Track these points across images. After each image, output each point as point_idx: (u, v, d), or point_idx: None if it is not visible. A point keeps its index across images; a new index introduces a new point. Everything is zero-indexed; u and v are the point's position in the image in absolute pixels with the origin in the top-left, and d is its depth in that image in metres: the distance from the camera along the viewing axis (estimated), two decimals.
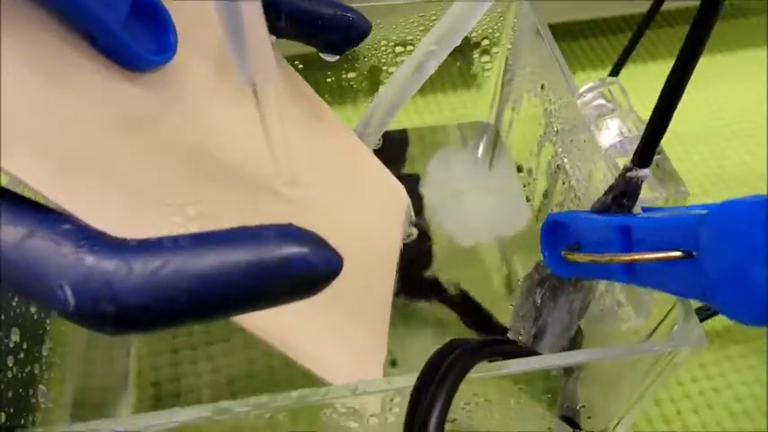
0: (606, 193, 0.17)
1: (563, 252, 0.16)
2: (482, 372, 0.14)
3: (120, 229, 0.12)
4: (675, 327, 0.15)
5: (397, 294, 0.20)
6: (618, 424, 0.18)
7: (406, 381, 0.14)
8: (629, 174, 0.16)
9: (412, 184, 0.24)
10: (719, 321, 0.30)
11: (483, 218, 0.26)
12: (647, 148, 0.16)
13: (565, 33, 0.30)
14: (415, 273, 0.24)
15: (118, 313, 0.11)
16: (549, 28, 0.21)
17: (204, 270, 0.11)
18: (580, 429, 0.19)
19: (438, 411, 0.14)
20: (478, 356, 0.14)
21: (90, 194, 0.13)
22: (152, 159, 0.14)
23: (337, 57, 0.18)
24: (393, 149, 0.24)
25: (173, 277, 0.11)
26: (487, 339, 0.15)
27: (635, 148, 0.16)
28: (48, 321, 0.17)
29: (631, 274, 0.15)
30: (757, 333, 0.30)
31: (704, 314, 0.24)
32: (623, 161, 0.17)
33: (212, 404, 0.14)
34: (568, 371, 0.16)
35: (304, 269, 0.12)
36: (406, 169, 0.25)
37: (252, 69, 0.14)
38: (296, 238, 0.12)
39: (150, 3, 0.15)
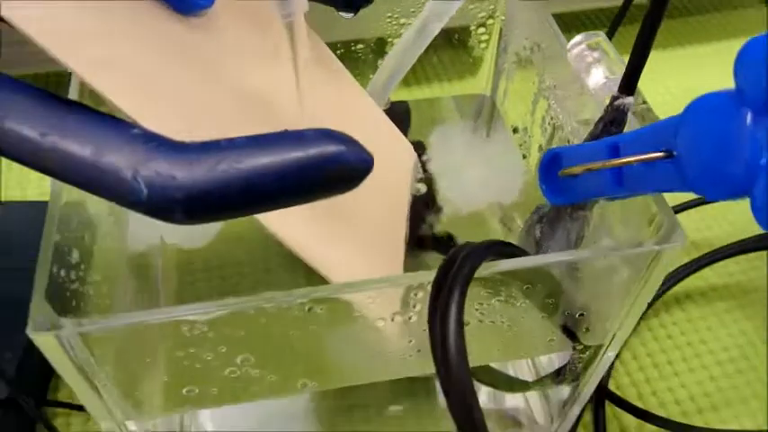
0: (596, 124, 0.19)
1: (560, 172, 0.19)
2: (491, 269, 0.16)
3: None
4: (660, 231, 0.18)
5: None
6: (612, 340, 0.20)
7: (428, 276, 0.16)
8: (616, 102, 0.18)
9: (418, 150, 0.26)
10: (704, 280, 0.32)
11: (483, 185, 0.28)
12: (632, 77, 0.18)
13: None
14: (419, 232, 0.26)
15: (184, 201, 0.13)
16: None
17: (257, 164, 0.13)
18: (579, 343, 0.20)
19: (457, 296, 0.15)
20: (489, 252, 0.16)
21: (156, 111, 0.15)
22: (203, 89, 0.16)
23: (353, 14, 0.21)
24: (397, 119, 0.26)
25: (230, 170, 0.13)
26: (495, 241, 0.17)
27: None
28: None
29: (620, 185, 0.17)
30: (740, 290, 0.32)
31: None
32: None
33: (257, 294, 0.16)
34: (568, 274, 0.18)
35: (343, 164, 0.14)
36: (410, 138, 0.27)
37: (290, 5, 0.16)
38: (335, 138, 0.14)
39: None
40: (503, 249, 0.17)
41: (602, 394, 0.27)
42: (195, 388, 0.18)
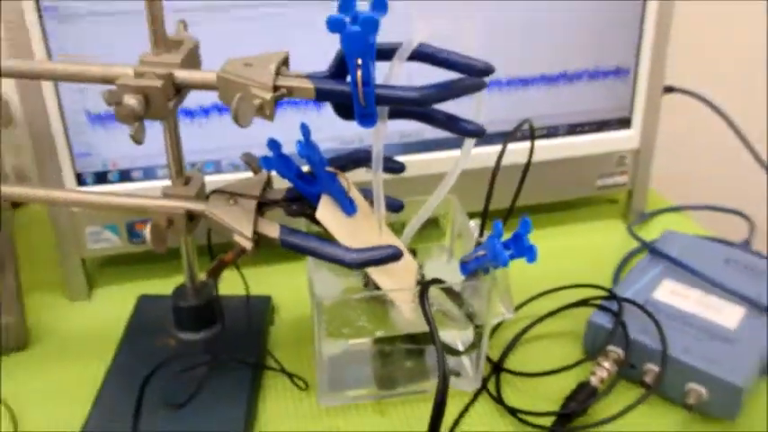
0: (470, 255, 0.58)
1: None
2: (435, 286, 0.55)
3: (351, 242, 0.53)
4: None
5: None
6: (485, 325, 0.58)
7: (416, 290, 0.54)
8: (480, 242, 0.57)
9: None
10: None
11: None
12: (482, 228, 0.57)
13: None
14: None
15: (354, 265, 0.52)
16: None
17: (375, 255, 0.53)
18: (474, 324, 0.58)
19: (426, 297, 0.54)
20: (435, 282, 0.55)
21: (340, 236, 0.54)
22: (355, 231, 0.55)
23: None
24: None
25: (371, 258, 0.52)
26: (438, 278, 0.55)
27: None
28: None
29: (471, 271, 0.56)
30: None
31: None
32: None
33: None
34: (468, 293, 0.56)
35: (396, 255, 0.53)
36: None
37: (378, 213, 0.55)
38: (393, 248, 0.53)
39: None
40: (440, 281, 0.55)
41: (500, 365, 0.64)
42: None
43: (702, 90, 0.84)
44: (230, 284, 0.63)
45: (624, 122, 0.81)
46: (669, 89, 0.83)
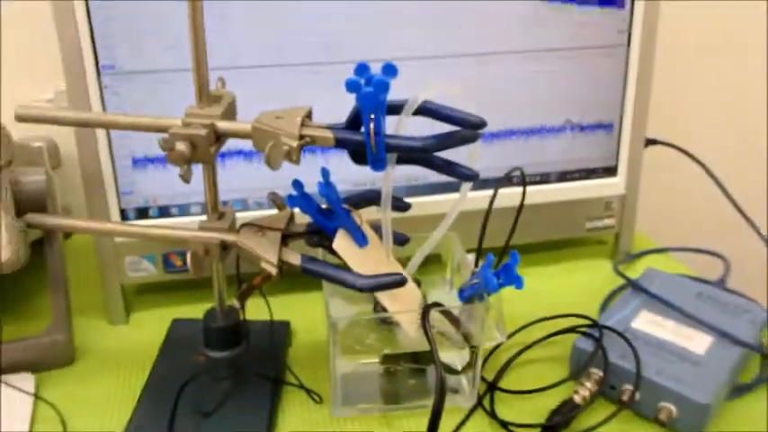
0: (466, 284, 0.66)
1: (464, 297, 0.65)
2: (436, 309, 0.63)
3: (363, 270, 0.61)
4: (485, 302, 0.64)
5: None
6: (479, 346, 0.66)
7: (419, 311, 0.63)
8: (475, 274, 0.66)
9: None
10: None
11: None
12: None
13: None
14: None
15: (364, 289, 0.60)
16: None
17: (382, 281, 0.61)
18: (470, 345, 0.66)
19: (428, 318, 0.62)
20: (435, 305, 0.63)
21: (353, 264, 0.62)
22: (369, 267, 0.64)
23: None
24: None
25: (379, 283, 0.61)
26: (438, 302, 0.64)
27: None
28: None
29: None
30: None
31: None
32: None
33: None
34: (464, 317, 0.64)
35: (401, 281, 0.61)
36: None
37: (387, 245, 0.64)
38: (400, 275, 0.61)
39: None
40: (440, 305, 0.64)
41: (494, 384, 0.71)
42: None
43: (684, 139, 0.93)
44: (254, 311, 0.71)
45: (610, 171, 0.90)
46: (652, 141, 0.92)
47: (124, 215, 0.78)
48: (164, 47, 0.72)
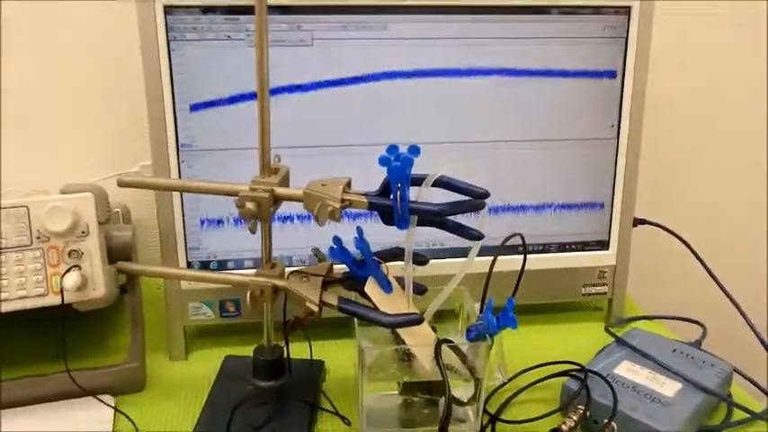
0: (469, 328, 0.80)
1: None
2: (446, 344, 0.77)
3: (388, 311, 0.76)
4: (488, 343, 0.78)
5: None
6: (482, 379, 0.79)
7: (433, 345, 0.77)
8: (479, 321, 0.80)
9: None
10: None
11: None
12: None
13: None
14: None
15: (390, 325, 0.75)
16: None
17: (401, 319, 0.76)
18: (475, 377, 0.80)
19: (439, 351, 0.76)
20: (445, 341, 0.77)
21: (381, 306, 0.77)
22: (393, 309, 0.78)
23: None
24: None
25: (402, 320, 0.75)
26: (447, 338, 0.78)
27: None
28: None
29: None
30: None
31: None
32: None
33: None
34: (469, 353, 0.78)
35: (418, 321, 0.76)
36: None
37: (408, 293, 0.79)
38: (417, 315, 0.76)
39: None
40: (450, 341, 0.78)
41: (496, 417, 0.84)
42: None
43: (672, 219, 1.07)
44: (295, 352, 0.85)
45: (603, 244, 1.04)
46: (641, 221, 1.07)
47: (189, 266, 0.94)
48: (234, 135, 0.90)
